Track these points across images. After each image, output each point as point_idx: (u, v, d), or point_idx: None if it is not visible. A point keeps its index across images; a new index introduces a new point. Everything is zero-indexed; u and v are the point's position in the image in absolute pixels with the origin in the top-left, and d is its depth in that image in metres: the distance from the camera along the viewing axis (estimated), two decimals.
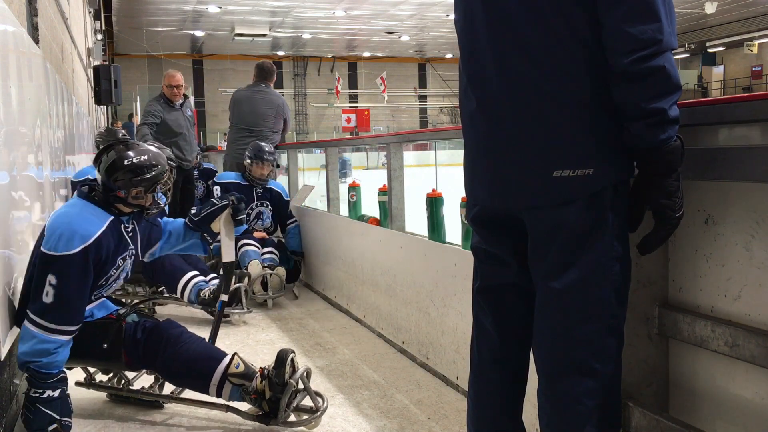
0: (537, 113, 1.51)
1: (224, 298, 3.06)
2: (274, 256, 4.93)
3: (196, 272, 4.07)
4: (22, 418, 2.50)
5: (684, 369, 1.77)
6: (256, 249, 4.85)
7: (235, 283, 4.06)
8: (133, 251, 2.73)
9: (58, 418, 2.46)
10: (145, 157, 2.60)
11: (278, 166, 5.56)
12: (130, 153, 2.59)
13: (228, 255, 3.04)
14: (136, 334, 2.61)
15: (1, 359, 2.29)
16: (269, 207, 5.15)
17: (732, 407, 1.64)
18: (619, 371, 1.58)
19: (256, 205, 5.12)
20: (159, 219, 2.97)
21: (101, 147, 2.73)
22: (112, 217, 2.60)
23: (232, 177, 5.18)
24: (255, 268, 4.63)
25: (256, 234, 5.02)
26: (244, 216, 3.11)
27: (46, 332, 2.45)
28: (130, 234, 2.69)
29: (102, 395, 2.91)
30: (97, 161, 2.64)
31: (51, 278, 2.44)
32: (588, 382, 1.53)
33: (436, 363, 3.17)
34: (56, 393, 2.47)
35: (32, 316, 2.46)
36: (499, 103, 1.56)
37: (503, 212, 1.64)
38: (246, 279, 4.30)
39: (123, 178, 2.56)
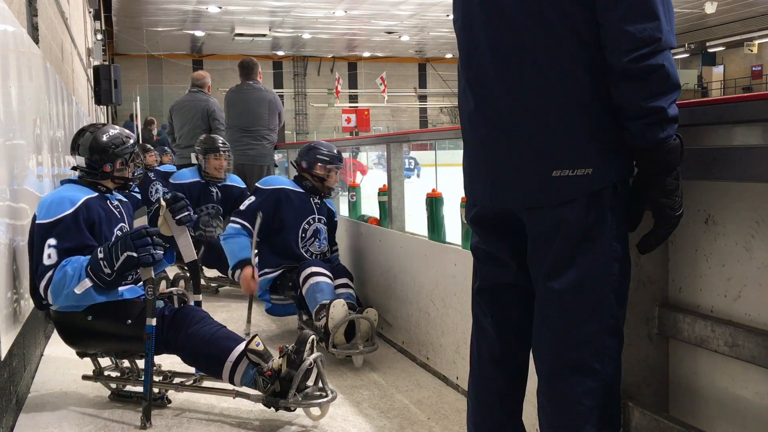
0: (536, 113, 1.50)
1: (199, 298, 3.05)
2: (351, 291, 3.61)
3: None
4: (150, 294, 2.58)
5: (684, 369, 1.77)
6: (329, 281, 3.51)
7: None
8: (125, 227, 2.86)
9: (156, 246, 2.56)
10: (117, 132, 2.83)
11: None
12: (103, 132, 2.80)
13: (188, 255, 3.04)
14: (164, 311, 2.71)
15: (1, 359, 2.29)
16: (326, 225, 3.90)
17: (732, 407, 1.64)
18: (618, 371, 1.58)
19: (314, 220, 3.82)
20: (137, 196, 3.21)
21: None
22: (98, 193, 2.77)
23: (285, 183, 3.87)
24: (340, 310, 3.24)
25: (245, 286, 3.64)
26: (187, 213, 2.97)
27: (63, 276, 2.50)
28: (118, 209, 2.85)
29: (103, 395, 2.90)
30: (74, 147, 2.80)
31: (50, 241, 2.55)
32: (588, 382, 1.53)
33: (436, 363, 3.17)
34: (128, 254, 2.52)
35: (42, 283, 2.53)
36: (498, 104, 1.56)
37: (503, 212, 1.64)
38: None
39: (106, 152, 2.76)
